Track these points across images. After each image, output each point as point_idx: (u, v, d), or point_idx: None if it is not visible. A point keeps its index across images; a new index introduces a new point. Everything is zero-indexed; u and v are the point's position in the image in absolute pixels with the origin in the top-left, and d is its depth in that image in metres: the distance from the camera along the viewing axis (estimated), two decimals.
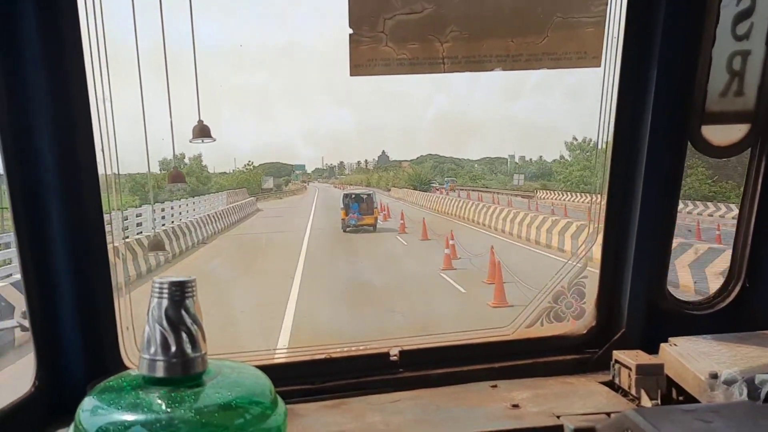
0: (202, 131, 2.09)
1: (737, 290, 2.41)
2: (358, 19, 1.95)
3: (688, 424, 1.48)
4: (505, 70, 2.07)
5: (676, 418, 1.55)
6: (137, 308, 1.99)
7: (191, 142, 2.08)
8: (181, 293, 1.29)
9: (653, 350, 2.13)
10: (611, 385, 2.17)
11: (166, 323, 1.26)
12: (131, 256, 17.91)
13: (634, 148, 2.23)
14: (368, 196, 32.13)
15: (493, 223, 32.73)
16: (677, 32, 2.09)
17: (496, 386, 2.20)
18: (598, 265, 2.41)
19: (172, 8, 2.04)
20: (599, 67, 2.12)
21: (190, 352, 1.28)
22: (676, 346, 2.12)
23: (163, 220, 29.25)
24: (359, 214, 30.87)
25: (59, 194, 1.87)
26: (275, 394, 1.41)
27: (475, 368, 2.28)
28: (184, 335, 1.27)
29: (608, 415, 1.93)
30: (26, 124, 1.79)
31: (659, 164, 2.22)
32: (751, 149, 2.28)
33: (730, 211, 34.76)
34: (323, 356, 2.26)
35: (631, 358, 2.07)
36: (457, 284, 18.03)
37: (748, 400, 1.76)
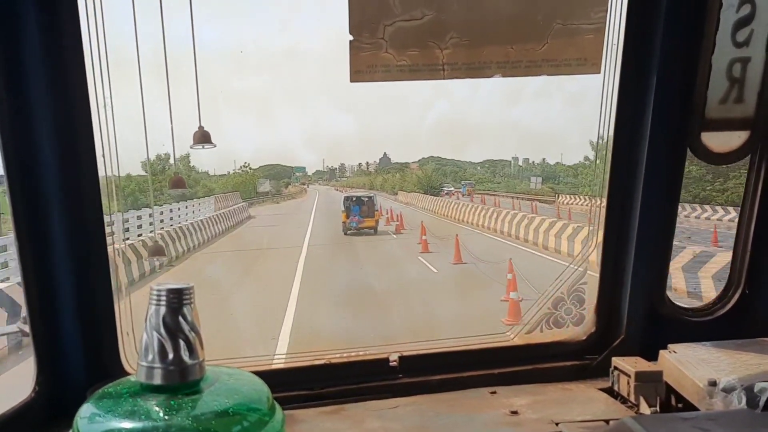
0: (202, 137, 2.09)
1: (737, 297, 2.40)
2: (358, 25, 1.96)
3: None
4: (505, 76, 2.07)
5: (674, 426, 1.55)
6: (138, 313, 1.98)
7: (192, 147, 2.09)
8: (178, 300, 1.29)
9: (653, 356, 2.13)
10: (610, 391, 2.17)
11: (163, 330, 1.26)
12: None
13: (633, 154, 2.23)
14: (369, 198, 32.16)
15: (542, 240, 24.78)
16: (677, 39, 2.09)
17: (495, 392, 2.20)
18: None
19: (172, 13, 2.05)
20: (599, 73, 2.12)
21: (187, 359, 1.28)
22: (675, 353, 2.11)
23: (127, 233, 22.64)
24: (360, 216, 30.84)
25: (60, 199, 1.87)
26: (273, 400, 1.41)
27: (474, 374, 2.28)
28: (181, 342, 1.27)
29: (607, 422, 1.93)
30: (28, 128, 1.80)
31: (659, 170, 2.22)
32: (750, 156, 2.28)
33: None
34: (322, 362, 2.26)
35: (630, 365, 2.07)
36: None
37: (746, 407, 1.76)
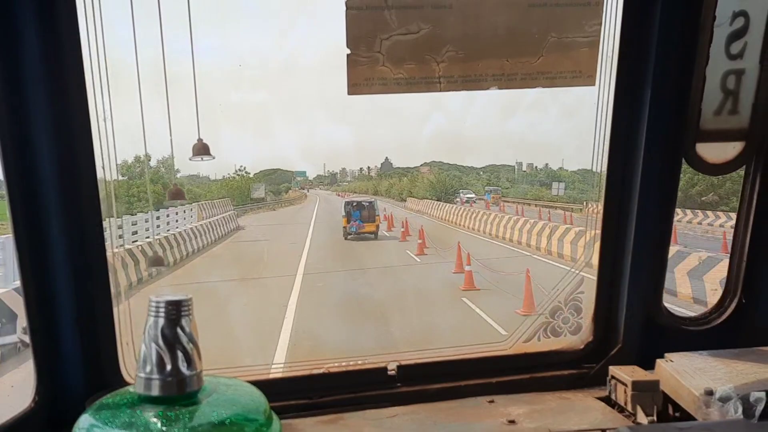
0: (202, 149, 2.12)
1: (733, 306, 2.41)
2: (355, 39, 1.98)
3: None
4: (501, 89, 2.09)
5: None
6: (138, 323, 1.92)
7: (191, 159, 2.11)
8: (177, 312, 1.31)
9: (650, 365, 2.14)
10: (608, 400, 2.18)
11: (162, 342, 1.28)
12: None
13: (629, 165, 2.25)
14: (369, 203, 32.18)
15: None
16: (671, 51, 2.11)
17: (493, 401, 2.21)
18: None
19: (172, 27, 2.07)
20: (594, 85, 2.14)
21: (185, 370, 1.30)
22: (672, 362, 2.13)
23: None
24: (360, 221, 30.81)
25: (59, 207, 1.88)
26: (270, 410, 1.42)
27: (472, 383, 2.29)
28: (179, 354, 1.29)
29: (604, 431, 1.94)
30: (27, 137, 1.81)
31: (654, 181, 2.23)
32: (745, 167, 2.30)
33: None
34: (321, 371, 2.27)
35: (627, 374, 2.08)
36: None
37: (743, 418, 1.77)
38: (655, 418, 2.00)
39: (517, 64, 2.06)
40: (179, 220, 29.79)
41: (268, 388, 1.53)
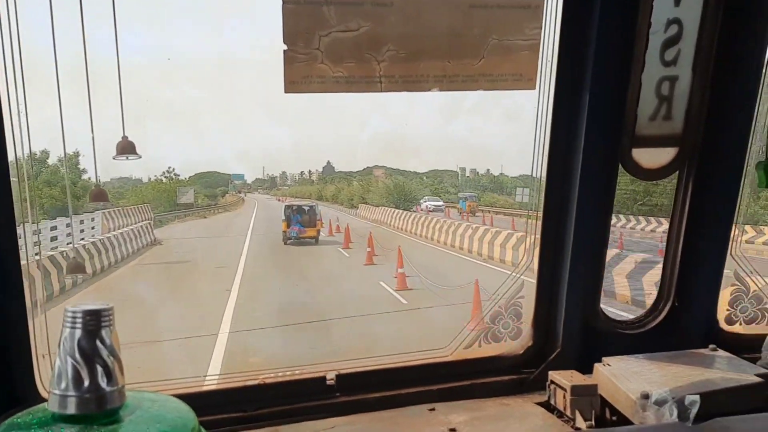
0: (126, 147, 1.98)
1: (667, 310, 2.47)
2: (292, 35, 1.90)
3: None
4: (442, 90, 2.06)
5: None
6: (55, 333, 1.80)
7: (115, 158, 1.98)
8: (96, 322, 1.20)
9: (588, 369, 2.16)
10: (547, 405, 2.18)
11: (78, 355, 1.18)
12: None
13: (568, 170, 2.26)
14: (310, 208, 31.87)
15: None
16: (608, 56, 2.14)
17: (433, 409, 2.17)
18: None
19: (94, 18, 1.95)
20: (534, 89, 2.15)
21: (105, 386, 1.19)
22: (609, 365, 2.15)
23: None
24: (301, 226, 30.43)
25: None
26: (199, 426, 1.33)
27: (413, 390, 2.25)
28: (98, 368, 1.19)
29: None
30: None
31: (592, 187, 2.25)
32: (678, 172, 2.35)
33: None
34: (256, 382, 2.18)
35: (566, 378, 2.08)
36: None
37: (678, 421, 1.79)
38: (593, 422, 2.01)
39: (458, 65, 2.04)
40: (75, 233, 22.20)
41: (198, 401, 1.45)
